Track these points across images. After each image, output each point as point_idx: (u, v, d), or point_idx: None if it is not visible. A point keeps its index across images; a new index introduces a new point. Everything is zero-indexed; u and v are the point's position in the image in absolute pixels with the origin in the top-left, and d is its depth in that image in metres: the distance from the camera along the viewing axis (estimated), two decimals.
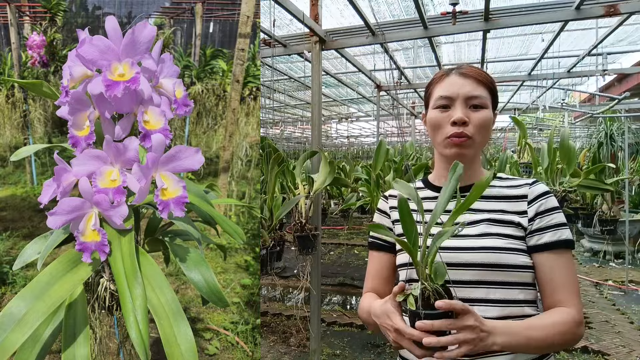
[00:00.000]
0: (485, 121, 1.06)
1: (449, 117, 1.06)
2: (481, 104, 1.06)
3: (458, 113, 1.05)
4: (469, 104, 1.06)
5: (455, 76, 1.09)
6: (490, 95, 1.09)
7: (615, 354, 3.68)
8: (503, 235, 1.03)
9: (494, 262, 1.01)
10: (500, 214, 1.07)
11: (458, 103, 1.06)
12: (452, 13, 2.89)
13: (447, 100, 1.07)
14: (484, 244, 1.02)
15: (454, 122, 1.05)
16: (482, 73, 1.09)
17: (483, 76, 1.09)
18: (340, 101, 8.49)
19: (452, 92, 1.07)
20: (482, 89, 1.07)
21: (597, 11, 2.65)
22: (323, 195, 4.45)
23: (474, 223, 1.07)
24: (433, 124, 1.10)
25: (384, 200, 1.26)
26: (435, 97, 1.10)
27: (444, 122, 1.07)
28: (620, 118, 5.41)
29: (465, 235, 1.05)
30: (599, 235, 5.46)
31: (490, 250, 1.01)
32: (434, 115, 1.09)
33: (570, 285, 1.02)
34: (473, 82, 1.07)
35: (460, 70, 1.09)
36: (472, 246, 1.03)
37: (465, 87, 1.06)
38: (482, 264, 1.01)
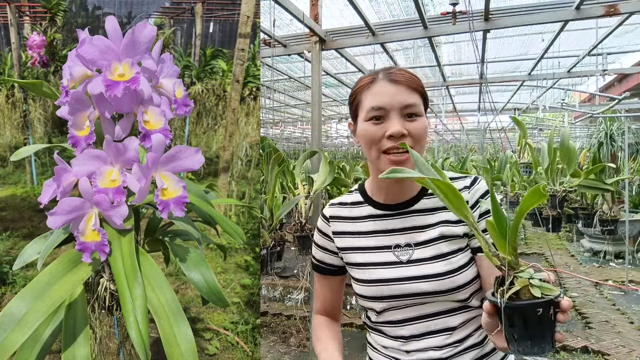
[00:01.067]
0: (422, 129, 0.99)
1: (384, 129, 0.97)
2: (416, 112, 0.98)
3: (395, 126, 0.96)
4: (403, 113, 0.97)
5: (385, 83, 0.99)
6: (422, 100, 1.02)
7: (615, 354, 3.68)
8: (453, 252, 1.00)
9: (445, 289, 0.98)
10: (449, 227, 1.01)
11: (393, 114, 0.97)
12: (452, 13, 2.89)
13: (380, 112, 0.98)
14: (436, 269, 0.99)
15: (390, 135, 0.96)
16: (413, 78, 1.01)
17: (414, 81, 1.00)
18: (340, 101, 8.49)
19: (385, 103, 0.97)
20: (416, 95, 0.99)
21: (597, 11, 2.65)
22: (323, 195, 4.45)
23: (427, 242, 1.02)
24: (366, 138, 0.99)
25: (325, 222, 1.15)
26: (367, 108, 0.99)
27: (378, 136, 0.98)
28: (620, 118, 5.41)
29: (417, 260, 1.00)
30: (599, 235, 5.47)
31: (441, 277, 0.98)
32: (367, 129, 0.99)
33: None
34: (406, 90, 0.98)
35: (390, 77, 0.99)
36: (426, 274, 0.99)
37: (398, 96, 0.97)
38: (438, 291, 0.98)
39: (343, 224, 1.12)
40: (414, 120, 0.98)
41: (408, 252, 1.02)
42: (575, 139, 10.28)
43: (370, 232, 1.07)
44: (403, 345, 1.04)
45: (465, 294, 1.00)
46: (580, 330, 4.22)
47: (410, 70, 1.05)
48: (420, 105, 1.00)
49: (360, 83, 1.04)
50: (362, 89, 1.03)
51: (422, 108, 1.00)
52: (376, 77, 1.01)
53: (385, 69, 1.03)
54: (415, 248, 1.02)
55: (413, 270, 1.00)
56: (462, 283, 0.99)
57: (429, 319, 1.01)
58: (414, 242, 1.02)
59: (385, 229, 1.05)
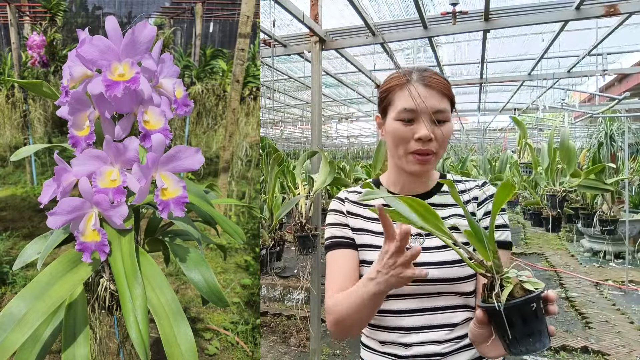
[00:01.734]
0: (448, 134, 1.05)
1: (413, 131, 1.02)
2: (445, 118, 1.03)
3: (423, 129, 1.01)
4: (433, 118, 1.02)
5: (419, 86, 1.03)
6: (451, 105, 1.07)
7: (615, 354, 3.68)
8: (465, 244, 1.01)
9: (452, 277, 1.02)
10: (458, 219, 1.08)
11: (423, 118, 1.02)
12: (452, 13, 2.89)
13: (411, 114, 1.02)
14: (446, 257, 1.03)
15: (419, 138, 1.01)
16: (446, 84, 1.06)
17: (446, 88, 1.05)
18: (340, 101, 8.49)
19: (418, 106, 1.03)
20: (446, 101, 1.04)
21: (597, 11, 2.65)
22: (323, 195, 4.45)
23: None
24: (395, 137, 1.05)
25: (340, 202, 1.17)
26: (399, 109, 1.04)
27: (407, 137, 1.03)
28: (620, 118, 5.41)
29: (428, 248, 1.05)
30: (599, 235, 5.46)
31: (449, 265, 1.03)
32: (397, 128, 1.04)
33: None
34: (437, 95, 1.03)
35: (425, 81, 1.04)
36: (436, 260, 1.03)
37: (430, 101, 1.02)
38: (445, 278, 1.02)
39: (356, 207, 1.15)
40: (442, 125, 1.03)
41: (418, 241, 1.07)
42: (575, 139, 10.27)
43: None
44: (402, 337, 1.04)
45: (470, 287, 1.05)
46: (580, 330, 4.22)
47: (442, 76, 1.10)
48: (449, 111, 1.06)
49: (393, 82, 1.07)
50: (394, 89, 1.06)
51: (449, 114, 1.06)
52: (411, 78, 1.05)
53: (419, 69, 1.07)
54: (426, 237, 1.06)
55: (421, 257, 0.99)
56: (468, 274, 1.03)
57: (432, 313, 1.04)
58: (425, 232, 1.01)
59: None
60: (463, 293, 1.05)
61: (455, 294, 1.05)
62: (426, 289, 1.04)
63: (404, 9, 3.86)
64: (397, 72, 1.09)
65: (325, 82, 6.49)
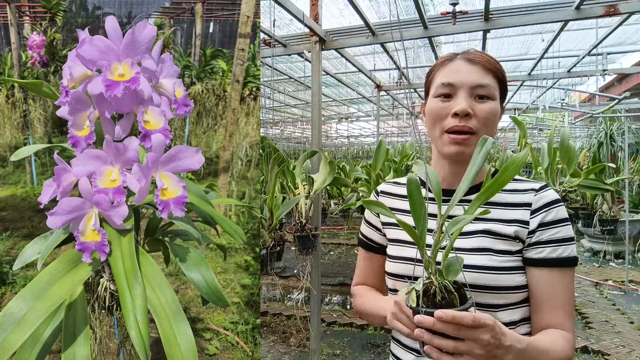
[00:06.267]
0: (491, 113, 0.93)
1: (450, 107, 0.94)
2: (488, 94, 0.94)
3: (461, 103, 0.92)
4: (474, 93, 0.93)
5: (461, 61, 0.96)
6: (499, 85, 0.97)
7: (615, 354, 3.68)
8: (499, 252, 0.92)
9: (484, 284, 0.91)
10: (499, 224, 0.94)
11: (462, 92, 0.93)
12: (452, 13, 2.89)
13: (449, 89, 0.94)
14: (476, 261, 0.91)
15: (455, 113, 0.92)
16: (491, 60, 0.97)
17: (492, 63, 0.96)
18: (340, 101, 8.49)
19: (456, 80, 0.94)
20: (490, 77, 0.95)
21: (597, 11, 2.65)
22: (323, 195, 4.45)
23: (468, 234, 0.95)
24: (432, 114, 0.97)
25: (375, 195, 1.15)
26: (437, 84, 0.97)
27: (444, 113, 0.95)
28: (620, 118, 5.41)
29: (457, 249, 0.93)
30: (599, 235, 5.46)
31: (481, 270, 0.91)
32: (433, 105, 0.97)
33: (569, 307, 0.92)
34: (480, 70, 0.94)
35: (466, 56, 0.97)
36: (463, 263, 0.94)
37: (471, 75, 0.94)
38: (471, 284, 0.91)
39: (391, 200, 1.11)
40: (483, 102, 0.93)
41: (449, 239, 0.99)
42: (575, 139, 10.28)
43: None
44: None
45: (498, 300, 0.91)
46: (580, 330, 4.22)
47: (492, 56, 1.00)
48: (494, 88, 0.95)
49: (437, 63, 1.01)
50: (437, 67, 1.00)
51: (495, 91, 0.95)
52: (453, 57, 0.99)
53: (465, 50, 1.00)
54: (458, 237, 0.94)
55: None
56: (507, 285, 0.90)
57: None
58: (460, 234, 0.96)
59: (431, 213, 0.97)
60: (489, 305, 0.92)
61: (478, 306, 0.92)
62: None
63: (404, 9, 3.87)
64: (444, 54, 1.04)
65: (325, 82, 6.50)
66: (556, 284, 0.91)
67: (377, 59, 5.40)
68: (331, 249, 7.76)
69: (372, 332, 4.22)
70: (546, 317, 0.92)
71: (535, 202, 0.94)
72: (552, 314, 0.91)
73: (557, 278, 0.91)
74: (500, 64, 0.99)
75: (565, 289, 0.92)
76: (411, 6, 3.61)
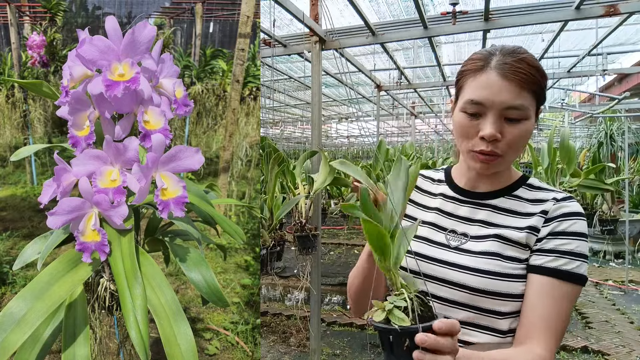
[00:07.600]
0: (522, 137, 0.87)
1: (478, 127, 0.87)
2: (520, 116, 0.85)
3: (488, 128, 0.85)
4: (504, 115, 0.86)
5: (494, 74, 0.85)
6: (535, 101, 0.88)
7: (615, 354, 3.68)
8: (507, 258, 0.89)
9: (485, 289, 0.88)
10: (511, 230, 0.91)
11: (491, 114, 0.86)
12: (452, 13, 2.89)
13: (477, 108, 0.87)
14: (480, 265, 0.90)
15: (482, 137, 0.87)
16: (529, 75, 0.85)
17: (529, 79, 0.85)
18: (340, 101, 8.49)
19: (486, 99, 0.85)
20: (526, 95, 0.85)
21: (597, 11, 2.65)
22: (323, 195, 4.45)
23: (481, 237, 0.94)
24: (459, 129, 0.91)
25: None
26: (465, 99, 0.89)
27: (471, 132, 0.89)
28: (620, 118, 5.41)
29: (466, 251, 0.93)
30: (599, 235, 5.47)
31: (483, 275, 0.89)
32: (461, 120, 0.90)
33: (553, 324, 0.84)
34: (515, 88, 0.84)
35: (502, 70, 0.85)
36: (469, 266, 0.91)
37: (503, 94, 0.84)
38: (475, 288, 0.89)
39: (417, 194, 1.10)
40: (514, 124, 0.86)
41: (460, 240, 0.96)
42: (575, 139, 10.28)
43: (434, 209, 1.04)
44: None
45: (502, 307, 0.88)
46: (580, 330, 4.22)
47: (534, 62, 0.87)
48: (529, 108, 0.86)
49: (469, 65, 0.91)
50: (468, 73, 0.91)
51: (529, 111, 0.87)
52: (488, 64, 0.87)
53: (503, 52, 0.88)
54: (469, 239, 0.95)
55: (456, 257, 0.94)
56: (507, 292, 0.87)
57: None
58: (470, 234, 0.96)
59: (449, 212, 1.01)
60: (491, 312, 0.89)
61: (480, 311, 0.89)
62: (454, 295, 0.92)
63: (404, 9, 3.87)
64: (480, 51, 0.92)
65: (325, 82, 6.50)
66: (544, 294, 0.85)
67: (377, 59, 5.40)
68: (331, 249, 7.77)
69: (372, 332, 4.22)
70: (523, 329, 0.86)
71: (552, 211, 0.91)
72: (529, 327, 0.85)
73: (547, 288, 0.85)
74: (540, 72, 0.88)
75: (555, 303, 0.84)
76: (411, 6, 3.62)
